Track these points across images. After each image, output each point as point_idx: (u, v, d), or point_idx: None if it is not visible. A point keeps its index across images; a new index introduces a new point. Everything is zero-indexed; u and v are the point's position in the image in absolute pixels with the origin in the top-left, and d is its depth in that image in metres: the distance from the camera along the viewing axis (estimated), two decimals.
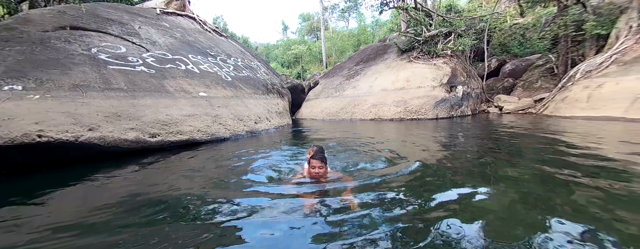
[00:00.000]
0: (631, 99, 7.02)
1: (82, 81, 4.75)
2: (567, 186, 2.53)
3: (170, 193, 2.63)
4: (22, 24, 5.29)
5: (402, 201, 2.24)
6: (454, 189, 2.51)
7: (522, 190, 2.46)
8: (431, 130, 7.04)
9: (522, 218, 1.92)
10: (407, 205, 2.14)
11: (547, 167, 3.12)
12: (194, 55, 8.00)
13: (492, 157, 3.85)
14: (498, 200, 2.26)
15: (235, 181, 2.95)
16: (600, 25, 9.60)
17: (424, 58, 11.78)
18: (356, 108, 11.25)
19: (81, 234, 1.84)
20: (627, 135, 5.14)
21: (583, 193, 2.36)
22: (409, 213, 2.00)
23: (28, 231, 1.90)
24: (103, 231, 1.88)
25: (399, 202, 2.21)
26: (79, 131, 3.93)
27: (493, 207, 2.11)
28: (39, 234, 1.84)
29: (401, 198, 2.30)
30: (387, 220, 1.88)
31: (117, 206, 2.33)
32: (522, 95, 12.30)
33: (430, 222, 1.85)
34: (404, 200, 2.25)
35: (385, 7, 14.40)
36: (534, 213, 1.98)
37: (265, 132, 7.17)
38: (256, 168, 3.49)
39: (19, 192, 2.80)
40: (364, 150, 4.51)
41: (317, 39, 36.40)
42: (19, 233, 1.90)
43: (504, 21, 16.71)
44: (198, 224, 1.95)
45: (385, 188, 2.52)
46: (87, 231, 1.89)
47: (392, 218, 1.92)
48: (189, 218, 2.05)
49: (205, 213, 2.15)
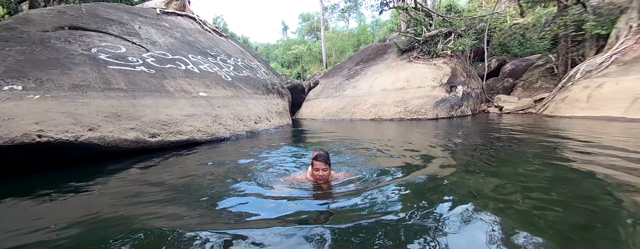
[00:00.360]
0: (631, 99, 7.03)
1: (82, 81, 4.75)
2: (567, 186, 2.53)
3: (171, 193, 2.63)
4: (22, 24, 5.29)
5: (404, 205, 2.24)
6: (455, 191, 2.51)
7: (523, 190, 2.46)
8: (431, 131, 7.04)
9: (522, 218, 1.92)
10: (409, 210, 2.14)
11: (547, 167, 3.12)
12: (194, 55, 8.00)
13: (492, 157, 3.85)
14: (500, 202, 2.26)
15: (234, 184, 2.93)
16: (600, 25, 9.60)
17: (424, 58, 11.78)
18: (356, 108, 11.25)
19: (81, 234, 1.84)
20: (628, 135, 5.14)
21: (583, 192, 2.36)
22: (410, 216, 2.00)
23: (27, 231, 1.90)
24: (103, 231, 1.88)
25: (402, 206, 2.21)
26: (79, 131, 3.93)
27: (494, 207, 2.11)
28: (39, 234, 1.84)
29: (405, 203, 2.30)
30: (388, 222, 1.88)
31: (117, 206, 2.33)
32: (522, 95, 12.30)
33: (431, 222, 1.85)
34: (406, 205, 2.25)
35: (385, 7, 14.40)
36: (534, 213, 1.98)
37: (265, 132, 7.17)
38: (256, 170, 3.49)
39: (19, 192, 2.79)
40: (365, 151, 4.51)
41: (317, 39, 36.40)
42: (19, 232, 1.90)
43: (504, 21, 16.71)
44: (198, 225, 1.95)
45: (388, 190, 2.52)
46: (87, 231, 1.89)
47: (393, 219, 1.92)
48: (188, 219, 2.05)
49: (205, 214, 2.15)
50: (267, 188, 2.67)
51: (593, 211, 1.98)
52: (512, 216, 1.95)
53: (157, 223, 1.98)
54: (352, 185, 2.59)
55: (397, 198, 2.31)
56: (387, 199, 2.27)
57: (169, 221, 2.01)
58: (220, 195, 2.55)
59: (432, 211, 2.02)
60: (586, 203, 2.15)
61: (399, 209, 2.06)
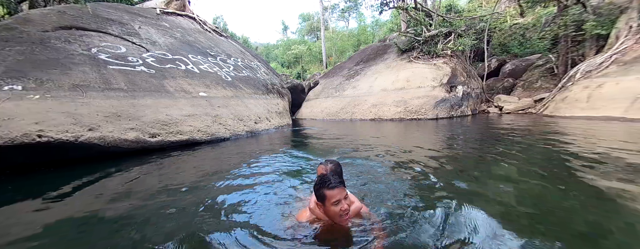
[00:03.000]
0: (631, 99, 7.02)
1: (82, 81, 4.75)
2: (567, 186, 2.53)
3: (170, 193, 2.63)
4: (22, 24, 5.28)
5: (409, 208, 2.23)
6: (457, 193, 2.51)
7: (523, 190, 2.46)
8: (431, 131, 7.04)
9: (522, 218, 1.92)
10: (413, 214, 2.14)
11: (547, 167, 3.12)
12: (194, 55, 8.00)
13: (493, 158, 3.85)
14: (501, 203, 2.25)
15: (232, 191, 2.73)
16: (600, 25, 9.60)
17: (424, 58, 11.77)
18: (356, 108, 11.25)
19: (81, 234, 1.84)
20: (628, 135, 5.14)
21: (582, 192, 2.36)
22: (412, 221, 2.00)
23: (27, 231, 1.90)
24: (101, 231, 1.88)
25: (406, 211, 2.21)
26: (79, 131, 3.93)
27: (494, 208, 2.11)
28: (39, 234, 1.84)
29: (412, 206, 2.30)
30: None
31: (117, 206, 2.33)
32: (522, 95, 12.29)
33: (431, 224, 1.85)
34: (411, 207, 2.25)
35: (385, 7, 14.40)
36: (534, 213, 1.98)
37: (265, 132, 7.17)
38: (252, 175, 3.42)
39: (19, 192, 2.79)
40: (368, 153, 4.50)
41: (317, 39, 36.39)
42: (18, 232, 1.90)
43: (504, 21, 16.71)
44: (198, 226, 1.95)
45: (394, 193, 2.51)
46: (87, 231, 1.89)
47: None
48: (189, 219, 2.05)
49: (204, 217, 2.15)
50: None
51: (593, 212, 1.98)
52: (513, 217, 1.95)
53: (157, 222, 1.98)
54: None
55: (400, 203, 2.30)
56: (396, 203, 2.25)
57: (169, 221, 2.01)
58: (218, 202, 2.53)
59: (432, 214, 2.00)
60: (586, 203, 2.15)
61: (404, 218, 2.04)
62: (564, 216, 1.92)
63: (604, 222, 1.82)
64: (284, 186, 2.72)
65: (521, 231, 1.72)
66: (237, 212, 2.13)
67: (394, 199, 2.28)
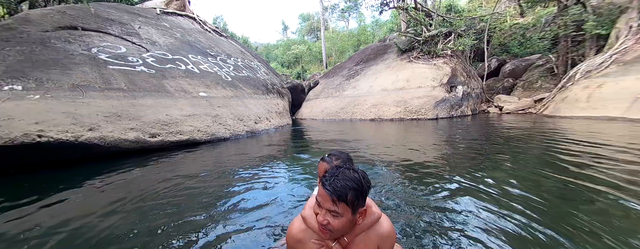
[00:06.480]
0: (631, 99, 7.02)
1: (82, 81, 4.75)
2: (566, 186, 2.53)
3: (170, 194, 2.63)
4: (22, 24, 5.28)
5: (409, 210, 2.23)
6: (457, 194, 2.51)
7: (524, 191, 2.46)
8: (432, 131, 7.04)
9: (522, 218, 1.92)
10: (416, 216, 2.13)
11: (547, 167, 3.11)
12: (194, 55, 8.00)
13: (493, 158, 3.85)
14: (502, 203, 2.26)
15: (230, 196, 2.83)
16: (600, 25, 9.60)
17: (424, 58, 11.78)
18: (356, 108, 11.25)
19: (81, 234, 1.84)
20: (628, 134, 5.14)
21: (582, 193, 2.36)
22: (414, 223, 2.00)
23: (26, 231, 1.89)
24: (102, 231, 1.88)
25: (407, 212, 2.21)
26: (79, 132, 3.93)
27: (495, 209, 2.11)
28: (39, 234, 1.84)
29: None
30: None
31: (116, 206, 2.33)
32: (522, 95, 12.30)
33: (432, 224, 1.85)
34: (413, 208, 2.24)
35: (385, 7, 14.41)
36: (534, 214, 1.98)
37: (265, 132, 7.17)
38: (252, 176, 3.47)
39: (19, 192, 2.79)
40: (368, 153, 4.50)
41: (317, 39, 36.40)
42: (18, 232, 1.90)
43: (504, 21, 16.72)
44: (198, 226, 1.95)
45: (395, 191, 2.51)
46: (86, 231, 1.89)
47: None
48: (189, 220, 2.05)
49: (204, 217, 2.15)
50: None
51: (593, 212, 1.98)
52: (514, 217, 1.95)
53: (156, 222, 1.98)
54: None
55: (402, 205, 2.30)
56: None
57: (168, 221, 2.01)
58: (217, 204, 2.54)
59: (433, 215, 2.00)
60: (586, 203, 2.15)
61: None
62: (564, 216, 1.92)
63: (603, 221, 1.82)
64: (284, 187, 2.73)
65: (521, 231, 1.72)
66: (237, 212, 2.13)
67: (394, 199, 2.28)
